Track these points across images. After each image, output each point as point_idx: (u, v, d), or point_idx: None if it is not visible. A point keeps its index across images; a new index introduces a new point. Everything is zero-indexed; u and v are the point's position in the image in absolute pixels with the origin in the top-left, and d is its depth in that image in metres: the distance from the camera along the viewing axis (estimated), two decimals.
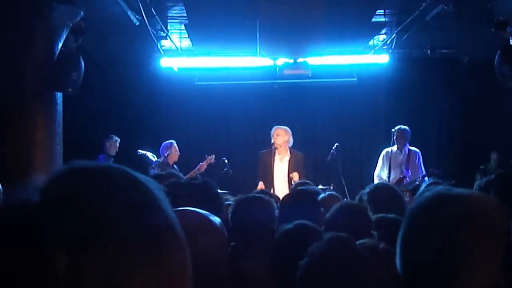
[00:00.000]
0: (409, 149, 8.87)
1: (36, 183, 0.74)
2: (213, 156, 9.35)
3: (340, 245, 2.03)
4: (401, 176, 8.62)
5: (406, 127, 8.86)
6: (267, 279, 2.39)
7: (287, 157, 8.37)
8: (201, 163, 9.26)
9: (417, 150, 8.91)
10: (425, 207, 1.36)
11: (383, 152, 8.99)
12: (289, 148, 8.46)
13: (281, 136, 8.37)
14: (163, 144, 9.20)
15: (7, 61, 6.57)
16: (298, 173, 8.16)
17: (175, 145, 9.21)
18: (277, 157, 8.36)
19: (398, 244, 1.38)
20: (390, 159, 8.60)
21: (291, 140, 8.49)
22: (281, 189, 7.92)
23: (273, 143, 8.31)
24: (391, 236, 2.95)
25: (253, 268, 2.39)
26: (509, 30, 7.16)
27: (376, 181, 8.73)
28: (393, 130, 8.80)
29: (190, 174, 8.70)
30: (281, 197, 7.51)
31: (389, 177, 8.47)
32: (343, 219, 3.17)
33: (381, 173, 8.90)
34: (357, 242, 2.42)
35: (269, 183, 8.19)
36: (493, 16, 7.29)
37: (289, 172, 8.27)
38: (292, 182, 8.13)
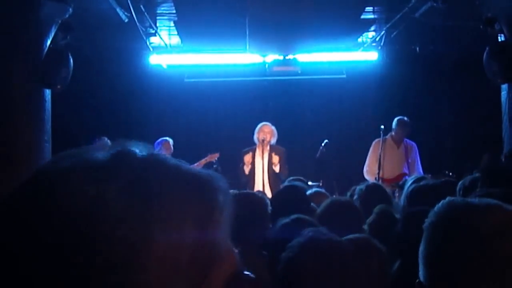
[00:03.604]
0: (406, 142, 8.50)
1: None
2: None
3: (320, 238, 2.04)
4: (401, 172, 8.22)
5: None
6: (261, 276, 2.39)
7: (267, 152, 8.35)
8: (200, 161, 9.27)
9: (413, 142, 8.59)
10: (452, 219, 1.38)
11: (375, 144, 8.49)
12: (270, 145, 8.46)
13: (271, 135, 8.37)
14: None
15: None
16: (279, 160, 8.16)
17: (168, 142, 9.23)
18: (260, 154, 8.33)
19: (422, 255, 1.40)
20: (388, 151, 8.16)
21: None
22: (264, 184, 7.96)
23: (263, 140, 8.28)
24: (384, 231, 2.97)
25: (246, 265, 2.39)
26: (497, 27, 7.19)
27: (368, 176, 8.23)
28: (400, 121, 8.33)
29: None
30: (265, 191, 7.63)
31: (381, 169, 8.02)
32: (334, 215, 3.19)
33: (374, 167, 8.28)
34: (347, 237, 2.44)
35: (253, 180, 8.19)
36: (481, 13, 7.33)
37: (270, 165, 8.23)
38: (274, 169, 8.15)
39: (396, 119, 8.54)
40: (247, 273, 0.86)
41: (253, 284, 0.86)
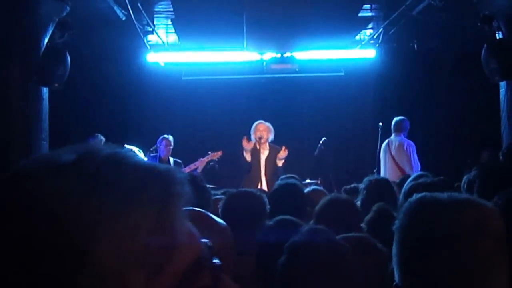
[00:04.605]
0: None
1: None
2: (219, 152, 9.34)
3: (317, 237, 2.04)
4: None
5: None
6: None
7: (266, 151, 8.33)
8: (201, 159, 9.28)
9: None
10: (422, 219, 1.34)
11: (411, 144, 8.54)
12: (268, 143, 8.43)
13: (267, 132, 8.34)
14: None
15: None
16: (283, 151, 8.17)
17: (168, 140, 9.28)
18: (258, 153, 8.31)
19: (396, 257, 1.36)
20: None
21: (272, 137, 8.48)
22: (262, 182, 7.96)
23: (260, 138, 8.24)
24: (382, 229, 2.97)
25: (245, 264, 2.39)
26: (495, 25, 7.20)
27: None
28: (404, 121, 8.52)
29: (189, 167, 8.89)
30: (262, 188, 7.62)
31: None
32: (333, 213, 3.18)
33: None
34: (345, 235, 2.43)
35: (250, 178, 8.18)
36: (479, 11, 7.33)
37: (268, 163, 8.20)
38: (278, 165, 8.16)
39: (404, 119, 8.58)
40: (216, 260, 0.88)
41: (215, 270, 0.87)
